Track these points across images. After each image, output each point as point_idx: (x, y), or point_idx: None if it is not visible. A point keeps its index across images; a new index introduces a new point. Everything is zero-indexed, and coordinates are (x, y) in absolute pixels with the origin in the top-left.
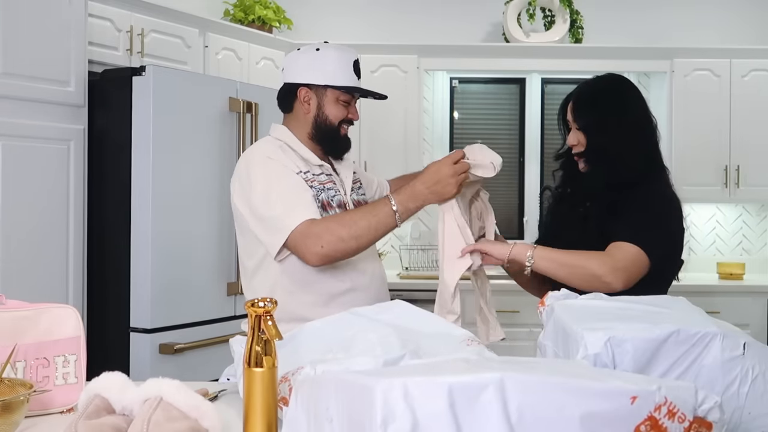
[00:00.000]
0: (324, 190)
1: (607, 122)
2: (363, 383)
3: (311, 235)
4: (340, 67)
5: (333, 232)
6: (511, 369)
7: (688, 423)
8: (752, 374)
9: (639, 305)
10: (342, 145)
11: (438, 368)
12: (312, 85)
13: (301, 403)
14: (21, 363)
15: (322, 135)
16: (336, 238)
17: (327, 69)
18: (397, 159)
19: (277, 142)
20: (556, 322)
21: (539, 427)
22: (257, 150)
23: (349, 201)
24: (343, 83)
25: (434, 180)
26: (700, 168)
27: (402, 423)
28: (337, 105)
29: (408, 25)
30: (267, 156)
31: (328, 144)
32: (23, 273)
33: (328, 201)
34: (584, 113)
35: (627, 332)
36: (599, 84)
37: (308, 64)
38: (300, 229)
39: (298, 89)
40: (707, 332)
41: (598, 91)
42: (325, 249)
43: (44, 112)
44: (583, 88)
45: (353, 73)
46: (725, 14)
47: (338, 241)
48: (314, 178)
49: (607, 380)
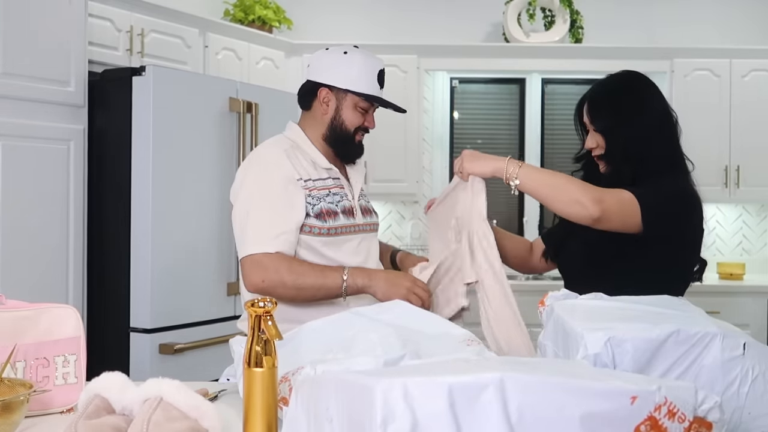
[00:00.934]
0: (329, 194)
1: (625, 123)
2: (363, 383)
3: (260, 267)
4: (364, 73)
5: (279, 273)
6: (511, 369)
7: (688, 423)
8: (752, 374)
9: (639, 305)
10: (354, 152)
11: (438, 368)
12: (333, 87)
13: (301, 403)
14: (21, 363)
15: (336, 138)
16: (278, 281)
17: (351, 73)
18: (397, 159)
19: (287, 142)
20: (556, 322)
21: (539, 427)
22: (263, 155)
23: (357, 206)
24: (365, 90)
25: (392, 282)
26: (700, 168)
27: (402, 423)
28: (355, 111)
29: (408, 25)
30: (269, 164)
31: (340, 148)
32: (23, 273)
33: (328, 209)
34: (601, 114)
35: (627, 332)
36: (614, 83)
37: (333, 65)
38: (254, 257)
39: (319, 89)
40: (707, 332)
41: (614, 90)
42: (264, 285)
43: (44, 112)
44: (597, 88)
45: (377, 82)
46: (725, 14)
47: (280, 284)
48: (319, 184)
49: (607, 380)
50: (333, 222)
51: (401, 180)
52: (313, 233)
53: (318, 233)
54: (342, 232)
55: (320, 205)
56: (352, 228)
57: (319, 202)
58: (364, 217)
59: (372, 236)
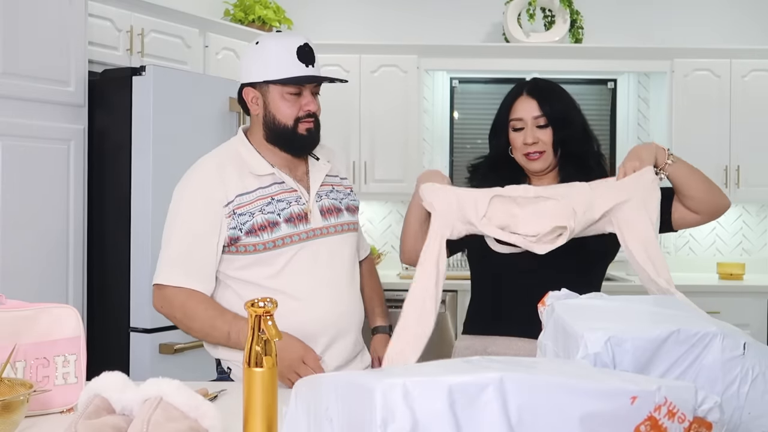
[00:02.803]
0: (271, 203)
1: (573, 109)
2: (363, 383)
3: (164, 296)
4: (280, 57)
5: (174, 307)
6: (511, 369)
7: (688, 423)
8: (752, 374)
9: (639, 305)
10: (302, 144)
11: (438, 368)
12: (255, 84)
13: (301, 403)
14: (21, 363)
15: (276, 136)
16: (171, 315)
17: (266, 62)
18: (397, 159)
19: (225, 154)
20: (556, 321)
21: (539, 427)
22: (192, 179)
23: (314, 209)
24: (284, 75)
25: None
26: (700, 168)
27: (402, 423)
28: (284, 101)
29: (408, 25)
30: (196, 191)
31: (285, 145)
32: (23, 273)
33: (266, 221)
34: (555, 106)
35: (627, 332)
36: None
37: (250, 60)
38: (160, 286)
39: (243, 90)
40: (707, 332)
41: (553, 85)
42: (162, 311)
43: (44, 112)
44: (533, 84)
45: (297, 60)
46: (725, 14)
47: (172, 318)
48: (255, 195)
49: (607, 380)
50: (270, 235)
51: (401, 180)
52: (248, 251)
53: (254, 250)
54: (286, 243)
55: (253, 221)
56: (302, 235)
57: (252, 219)
58: (325, 218)
59: (338, 239)
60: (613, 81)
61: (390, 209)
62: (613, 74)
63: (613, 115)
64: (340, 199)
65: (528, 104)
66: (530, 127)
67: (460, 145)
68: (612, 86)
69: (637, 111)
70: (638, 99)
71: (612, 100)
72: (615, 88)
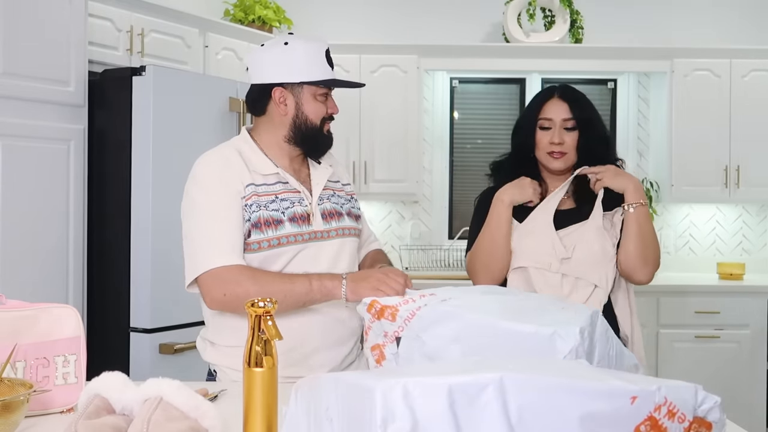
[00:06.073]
0: (275, 200)
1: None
2: (363, 383)
3: (219, 281)
4: (312, 59)
5: (242, 285)
6: (511, 369)
7: (687, 423)
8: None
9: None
10: (325, 143)
11: (438, 368)
12: (287, 84)
13: (301, 403)
14: (21, 363)
15: (303, 136)
16: (242, 292)
17: (299, 64)
18: (397, 159)
19: (232, 150)
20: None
21: (539, 427)
22: (206, 166)
23: (315, 211)
24: (319, 77)
25: (360, 277)
26: (700, 168)
27: (402, 423)
28: (316, 102)
29: (408, 25)
30: (212, 177)
31: (309, 144)
32: (23, 273)
33: (270, 217)
34: (584, 111)
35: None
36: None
37: (277, 60)
38: (213, 272)
39: (272, 90)
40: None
41: (581, 93)
42: (226, 298)
43: (44, 112)
44: (564, 88)
45: (326, 63)
46: (725, 14)
47: (244, 295)
48: (262, 190)
49: (607, 380)
50: (274, 232)
51: (401, 180)
52: (253, 250)
53: (258, 248)
54: (290, 241)
55: (260, 213)
56: (305, 236)
57: (259, 210)
58: (326, 222)
59: (339, 243)
60: (613, 81)
61: (390, 209)
62: (613, 74)
63: (613, 115)
64: (341, 204)
65: (559, 106)
66: (558, 128)
67: (460, 145)
68: (612, 86)
69: (637, 111)
70: (638, 99)
71: (612, 100)
72: (615, 88)
